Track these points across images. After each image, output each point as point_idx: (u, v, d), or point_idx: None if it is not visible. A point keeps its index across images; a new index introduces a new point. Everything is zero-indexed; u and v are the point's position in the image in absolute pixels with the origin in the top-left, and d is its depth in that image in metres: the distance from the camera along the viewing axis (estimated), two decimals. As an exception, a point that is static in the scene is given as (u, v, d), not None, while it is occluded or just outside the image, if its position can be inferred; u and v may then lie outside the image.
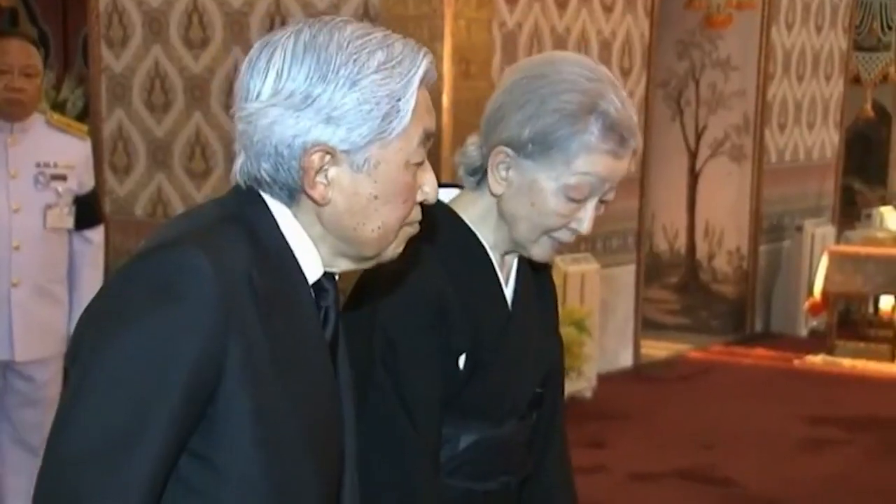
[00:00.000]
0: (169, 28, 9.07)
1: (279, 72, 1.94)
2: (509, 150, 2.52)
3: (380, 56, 1.96)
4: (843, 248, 11.20)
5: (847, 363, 10.41)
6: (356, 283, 2.61)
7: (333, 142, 1.94)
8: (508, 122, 2.53)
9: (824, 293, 10.81)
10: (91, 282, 5.32)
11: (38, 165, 5.01)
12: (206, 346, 1.84)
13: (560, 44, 9.05)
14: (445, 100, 8.13)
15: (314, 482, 2.04)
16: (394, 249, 2.09)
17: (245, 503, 1.96)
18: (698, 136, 11.43)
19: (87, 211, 5.24)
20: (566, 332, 8.11)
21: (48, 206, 5.05)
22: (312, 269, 2.07)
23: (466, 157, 2.66)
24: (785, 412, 8.75)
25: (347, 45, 1.95)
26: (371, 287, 2.57)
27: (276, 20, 8.67)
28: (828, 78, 12.28)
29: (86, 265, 5.38)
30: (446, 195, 2.66)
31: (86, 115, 9.64)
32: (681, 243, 11.63)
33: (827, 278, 10.81)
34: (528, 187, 2.55)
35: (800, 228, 11.56)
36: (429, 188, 2.07)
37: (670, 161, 11.27)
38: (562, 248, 2.65)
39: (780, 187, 11.61)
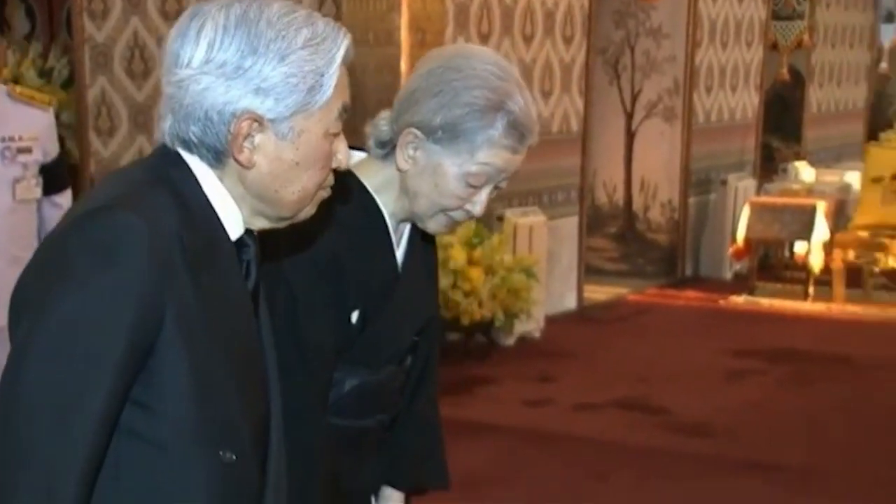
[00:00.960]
0: (147, 1, 9.12)
1: (210, 43, 1.95)
2: (419, 133, 2.58)
3: (305, 33, 1.99)
4: (762, 199, 11.50)
5: (766, 302, 10.68)
6: (262, 239, 2.44)
7: (262, 110, 1.97)
8: (421, 107, 2.58)
9: (746, 240, 11.06)
10: None
11: (3, 140, 4.84)
12: (145, 305, 1.86)
13: (508, 15, 9.16)
14: (403, 66, 8.24)
15: (244, 420, 2.05)
16: (308, 211, 2.15)
17: (182, 443, 1.97)
18: (634, 99, 11.56)
19: (54, 177, 5.13)
20: (517, 278, 8.32)
21: (16, 180, 4.89)
22: (234, 228, 2.09)
23: (377, 130, 2.70)
24: (711, 347, 9.02)
25: (276, 22, 1.98)
26: (276, 243, 2.53)
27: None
28: (748, 45, 12.49)
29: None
30: (363, 173, 2.69)
31: (71, 82, 9.70)
32: (619, 197, 11.76)
33: (748, 227, 11.04)
34: (433, 169, 2.60)
35: (724, 182, 11.77)
36: (342, 156, 2.11)
37: (609, 122, 11.39)
38: (458, 224, 2.77)
39: (707, 145, 11.82)
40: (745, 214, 11.15)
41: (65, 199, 5.28)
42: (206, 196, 2.04)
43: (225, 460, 2.01)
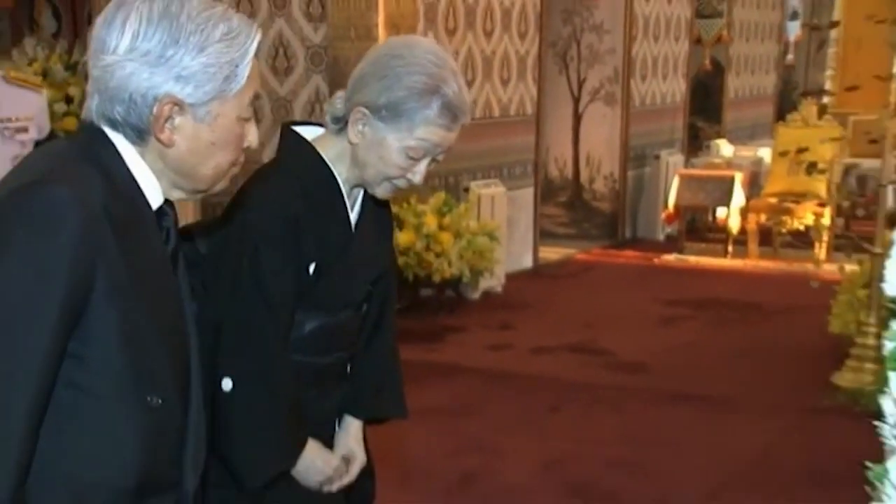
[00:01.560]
0: None
1: (135, 32, 1.91)
2: (366, 111, 2.61)
3: (222, 28, 1.97)
4: (689, 171, 11.46)
5: (693, 259, 10.66)
6: (230, 201, 2.71)
7: (182, 95, 1.95)
8: (369, 89, 2.62)
9: (675, 207, 11.08)
10: None
11: (1, 122, 4.77)
12: (78, 270, 1.85)
13: (470, 13, 9.08)
14: (381, 55, 8.17)
15: (168, 368, 2.05)
16: (221, 185, 2.13)
17: (114, 390, 1.96)
18: (580, 86, 11.48)
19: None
20: (481, 241, 8.31)
21: (15, 157, 4.65)
22: (155, 198, 2.06)
23: (333, 108, 2.73)
24: (647, 297, 9.01)
25: (196, 16, 1.95)
26: (241, 205, 2.67)
27: None
28: (676, 39, 12.42)
29: None
30: (312, 133, 2.80)
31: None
32: (568, 170, 11.70)
33: (677, 195, 11.05)
34: (378, 143, 2.63)
35: (657, 157, 11.71)
36: (252, 138, 2.11)
37: (559, 106, 11.33)
38: (408, 189, 2.81)
39: (642, 125, 11.75)
40: (674, 185, 11.15)
41: None
42: (129, 170, 2.02)
43: (152, 405, 2.01)
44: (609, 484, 5.28)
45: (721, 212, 11.05)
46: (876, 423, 1.77)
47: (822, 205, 10.30)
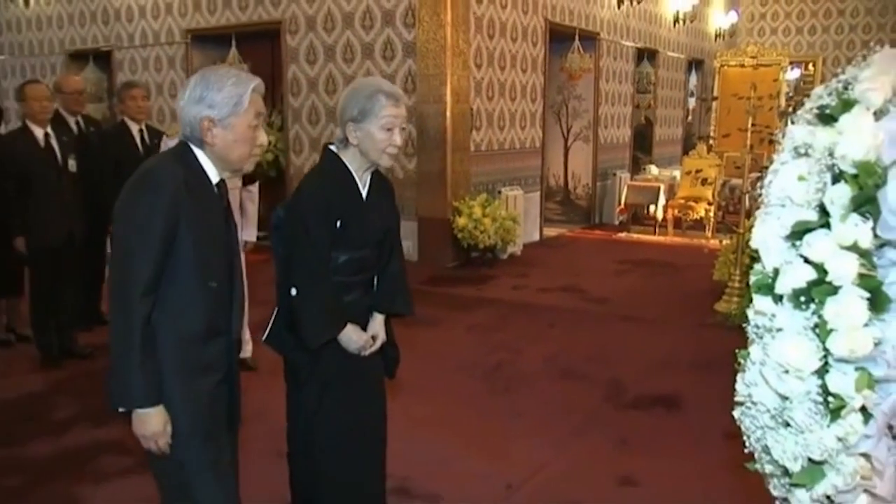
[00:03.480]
0: (319, 86, 9.07)
1: (190, 90, 2.19)
2: (351, 123, 2.69)
3: (232, 79, 2.20)
4: (633, 183, 11.20)
5: (636, 236, 10.42)
6: (296, 189, 2.83)
7: (212, 115, 2.17)
8: (347, 110, 2.70)
9: (626, 204, 10.88)
10: (251, 208, 5.08)
11: None
12: (171, 211, 2.09)
13: (502, 87, 8.95)
14: (448, 112, 8.11)
15: (219, 265, 2.23)
16: (249, 167, 2.31)
17: (190, 277, 2.16)
18: (568, 131, 11.29)
19: (248, 176, 4.75)
20: (508, 223, 8.25)
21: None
22: (214, 176, 2.24)
23: (337, 137, 2.77)
24: (608, 259, 8.88)
25: (217, 76, 2.21)
26: (299, 191, 2.78)
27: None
28: (624, 104, 12.17)
29: (248, 201, 5.02)
30: (336, 148, 2.79)
31: (282, 127, 9.50)
32: (561, 181, 11.50)
33: (626, 197, 10.87)
34: (366, 134, 2.68)
35: (615, 174, 11.48)
36: (262, 139, 2.28)
37: (556, 143, 11.14)
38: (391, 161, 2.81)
39: (606, 155, 11.56)
40: (625, 191, 10.99)
41: (254, 188, 5.11)
42: (198, 161, 2.22)
43: (210, 286, 2.21)
44: (584, 369, 5.22)
45: (652, 208, 10.86)
46: (743, 325, 1.73)
47: (710, 204, 10.18)
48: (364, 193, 2.80)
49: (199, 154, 2.22)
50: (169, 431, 2.15)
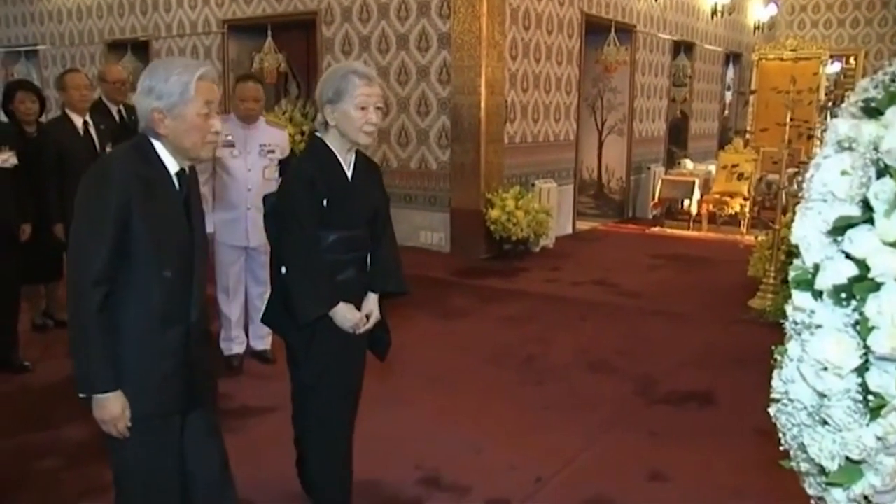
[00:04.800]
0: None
1: (141, 82, 2.23)
2: (328, 104, 2.79)
3: (179, 68, 2.21)
4: (668, 177, 11.10)
5: (669, 231, 10.35)
6: (285, 173, 3.06)
7: (160, 106, 2.20)
8: (324, 94, 2.80)
9: (660, 198, 10.77)
10: None
11: (261, 145, 4.72)
12: (120, 201, 2.14)
13: (537, 79, 8.90)
14: (483, 104, 8.07)
15: (174, 254, 2.26)
16: (205, 154, 2.31)
17: (144, 264, 2.20)
18: (602, 124, 11.22)
19: (285, 166, 4.74)
20: (541, 216, 8.20)
21: (265, 167, 4.74)
22: (173, 166, 2.27)
23: (318, 120, 2.89)
24: (641, 253, 8.80)
25: (164, 66, 2.25)
26: (287, 172, 3.00)
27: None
28: (660, 98, 12.05)
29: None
30: (321, 133, 2.90)
31: (315, 118, 9.58)
32: (595, 175, 11.44)
33: (660, 191, 10.77)
34: (343, 113, 2.77)
35: (649, 168, 11.38)
36: (215, 125, 2.27)
37: (590, 136, 11.05)
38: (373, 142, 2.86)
39: (640, 149, 11.45)
40: (659, 185, 10.90)
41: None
42: (156, 152, 2.25)
43: (165, 276, 2.23)
44: (616, 363, 5.19)
45: (686, 202, 10.77)
46: (780, 321, 1.70)
47: (746, 199, 10.07)
48: (349, 173, 2.90)
49: (157, 145, 2.26)
50: (128, 416, 2.23)
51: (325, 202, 2.82)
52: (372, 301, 3.01)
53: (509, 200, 8.06)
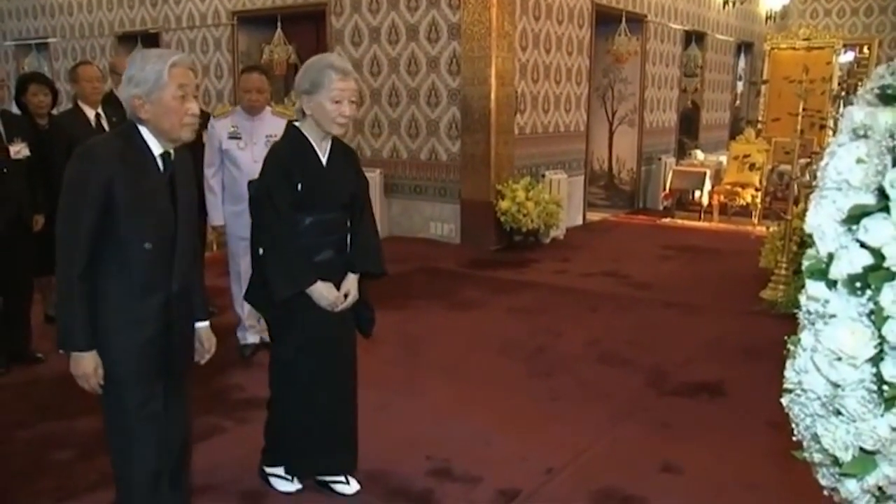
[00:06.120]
0: (362, 68, 9.05)
1: (124, 73, 2.42)
2: (305, 95, 2.94)
3: (154, 58, 2.40)
4: (678, 167, 11.06)
5: (679, 222, 10.30)
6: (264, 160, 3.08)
7: (139, 93, 2.38)
8: (301, 85, 2.94)
9: (670, 189, 10.75)
10: None
11: (267, 136, 4.63)
12: (102, 176, 2.32)
13: (547, 70, 8.88)
14: (493, 95, 8.05)
15: (154, 228, 2.42)
16: (185, 135, 2.45)
17: (125, 237, 2.37)
18: (613, 114, 11.19)
19: None
20: (551, 207, 8.22)
21: None
22: (157, 148, 2.44)
23: (296, 108, 3.04)
24: (651, 244, 8.76)
25: (143, 56, 2.43)
26: (265, 159, 3.05)
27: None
28: (671, 88, 12.00)
29: None
30: (298, 121, 3.05)
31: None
32: (605, 166, 11.41)
33: (671, 182, 10.75)
34: (318, 105, 2.92)
35: (659, 159, 11.34)
36: (192, 108, 2.43)
37: (600, 127, 11.02)
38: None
39: (651, 139, 11.41)
40: (670, 176, 10.87)
41: None
42: (142, 136, 2.43)
43: (146, 248, 2.40)
44: (626, 354, 5.18)
45: (697, 193, 10.73)
46: (793, 312, 1.70)
47: (757, 190, 10.02)
48: (324, 160, 3.02)
49: (143, 130, 2.43)
50: (100, 374, 2.43)
51: (299, 187, 2.95)
52: (351, 281, 3.12)
53: (520, 191, 8.05)
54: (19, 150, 4.74)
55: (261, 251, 3.02)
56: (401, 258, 7.75)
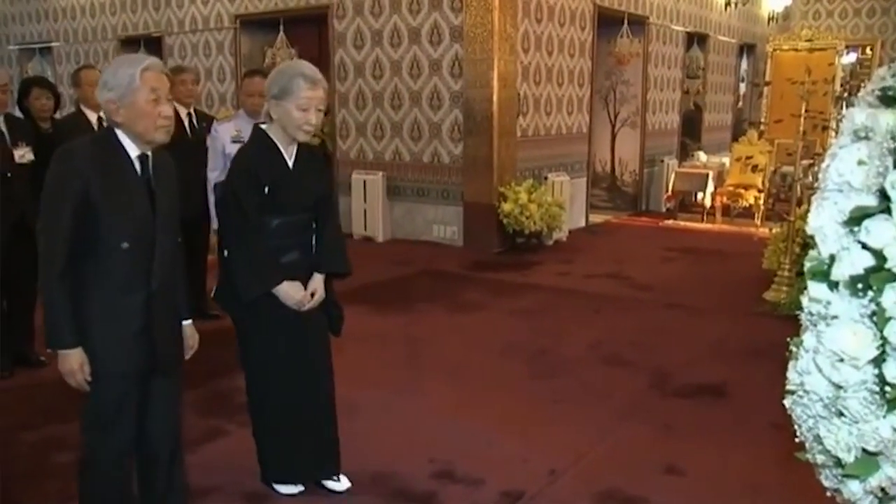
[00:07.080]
0: (365, 70, 9.07)
1: (102, 77, 2.48)
2: (273, 100, 2.96)
3: (126, 63, 2.47)
4: (681, 169, 11.05)
5: (682, 223, 10.28)
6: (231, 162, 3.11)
7: (113, 97, 2.44)
8: (271, 89, 2.97)
9: (673, 191, 10.74)
10: None
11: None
12: (77, 177, 2.39)
13: (549, 72, 8.89)
14: (495, 97, 8.04)
15: (132, 228, 2.46)
16: (159, 138, 2.50)
17: (103, 235, 2.42)
18: (615, 116, 11.16)
19: None
20: (554, 209, 8.22)
21: None
22: (133, 150, 2.49)
23: (265, 112, 3.04)
24: (654, 246, 8.77)
25: (117, 62, 2.53)
26: (232, 162, 3.09)
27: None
28: (673, 90, 11.99)
29: None
30: (266, 124, 3.06)
31: (327, 112, 9.53)
32: (608, 168, 11.38)
33: (674, 184, 10.74)
34: (285, 111, 2.94)
35: (662, 161, 11.33)
36: (167, 111, 2.48)
37: (603, 129, 11.00)
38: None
39: (654, 141, 11.40)
40: (672, 177, 10.86)
41: None
42: (119, 139, 2.48)
43: (123, 247, 2.45)
44: (629, 356, 5.17)
45: (700, 195, 10.72)
46: (795, 313, 1.69)
47: (760, 191, 10.02)
48: (290, 163, 3.04)
49: (119, 133, 2.48)
50: (86, 371, 2.47)
51: (266, 189, 2.98)
52: (317, 281, 3.13)
53: (522, 194, 8.05)
54: (23, 154, 4.74)
55: (226, 252, 3.06)
56: (403, 261, 7.76)
